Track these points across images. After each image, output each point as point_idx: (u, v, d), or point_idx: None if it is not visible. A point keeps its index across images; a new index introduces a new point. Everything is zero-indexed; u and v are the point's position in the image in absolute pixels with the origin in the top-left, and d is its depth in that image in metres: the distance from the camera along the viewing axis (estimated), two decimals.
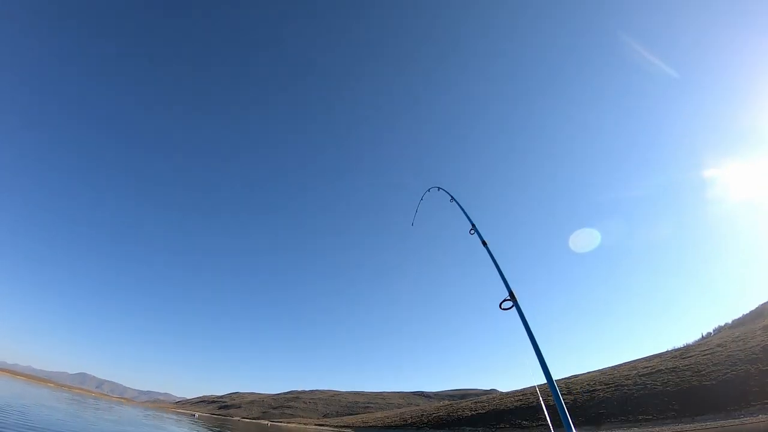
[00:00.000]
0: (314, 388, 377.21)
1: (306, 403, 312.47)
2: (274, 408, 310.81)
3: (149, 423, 34.27)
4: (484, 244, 2.83)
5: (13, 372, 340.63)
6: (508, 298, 2.59)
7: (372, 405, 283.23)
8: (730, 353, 57.09)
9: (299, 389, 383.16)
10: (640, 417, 53.08)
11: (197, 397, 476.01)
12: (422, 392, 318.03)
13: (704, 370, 56.48)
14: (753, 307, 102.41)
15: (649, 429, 47.01)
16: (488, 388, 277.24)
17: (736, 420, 38.38)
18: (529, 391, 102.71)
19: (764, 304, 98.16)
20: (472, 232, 3.48)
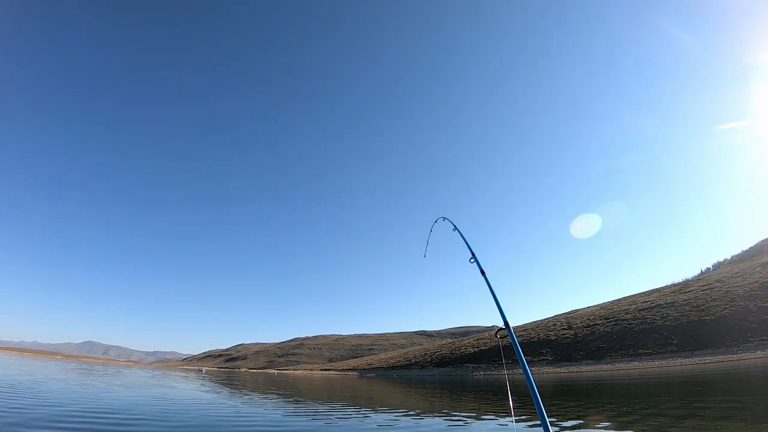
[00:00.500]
0: (318, 334, 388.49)
1: (311, 350, 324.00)
2: (280, 356, 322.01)
3: (158, 383, 35.63)
4: (483, 273, 3.14)
5: (20, 350, 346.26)
6: (503, 327, 2.63)
7: (376, 347, 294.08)
8: (728, 289, 59.01)
9: (303, 336, 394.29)
10: (640, 351, 55.75)
11: (203, 353, 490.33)
12: (425, 331, 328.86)
13: (703, 305, 58.75)
14: (752, 244, 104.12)
15: (649, 363, 49.63)
16: (489, 325, 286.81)
17: (734, 356, 40.26)
18: (531, 327, 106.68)
19: (763, 241, 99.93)
20: (472, 261, 3.85)
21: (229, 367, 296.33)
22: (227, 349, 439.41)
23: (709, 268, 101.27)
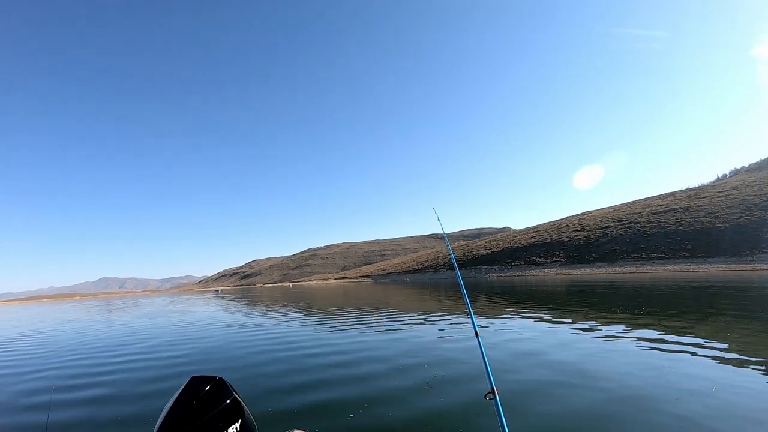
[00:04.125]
0: (330, 243, 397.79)
1: (323, 259, 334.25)
2: (293, 269, 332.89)
3: (176, 309, 37.02)
4: (477, 335, 3.27)
5: (38, 297, 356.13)
6: (490, 391, 2.49)
7: (388, 252, 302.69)
8: (744, 197, 59.03)
9: (315, 246, 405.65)
10: (653, 255, 57.47)
11: (217, 273, 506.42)
12: (436, 234, 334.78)
13: (718, 212, 59.24)
14: None
15: (662, 267, 51.42)
16: (502, 226, 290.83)
17: (747, 265, 41.15)
18: (542, 228, 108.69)
19: None
20: (468, 315, 3.81)
21: (245, 284, 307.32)
22: (241, 267, 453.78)
23: (726, 175, 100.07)
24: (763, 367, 6.93)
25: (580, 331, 11.62)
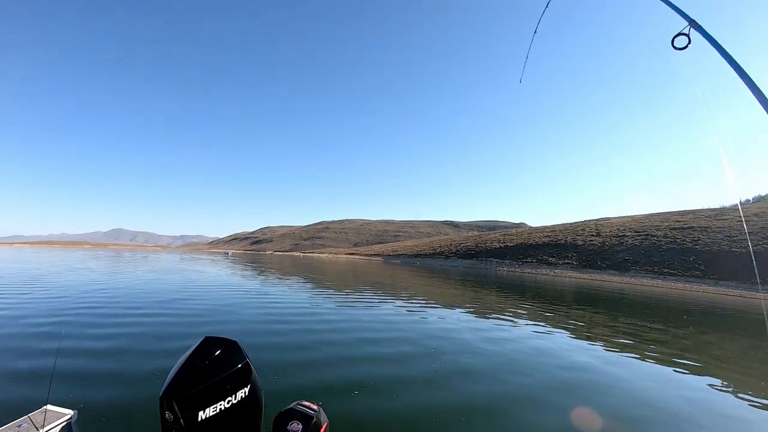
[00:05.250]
0: (344, 218, 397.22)
1: (336, 233, 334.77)
2: (305, 239, 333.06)
3: (186, 267, 36.95)
4: None
5: (49, 242, 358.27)
6: (686, 31, 2.08)
7: (401, 234, 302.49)
8: (765, 224, 58.64)
9: (329, 220, 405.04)
10: (665, 270, 57.81)
11: (229, 236, 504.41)
12: (452, 222, 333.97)
13: (736, 236, 59.15)
14: None
15: (672, 283, 51.85)
16: (518, 222, 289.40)
17: (758, 294, 41.30)
18: (558, 228, 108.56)
19: None
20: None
21: (255, 249, 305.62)
22: (253, 232, 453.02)
23: (749, 200, 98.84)
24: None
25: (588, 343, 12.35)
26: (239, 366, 1.56)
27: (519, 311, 17.90)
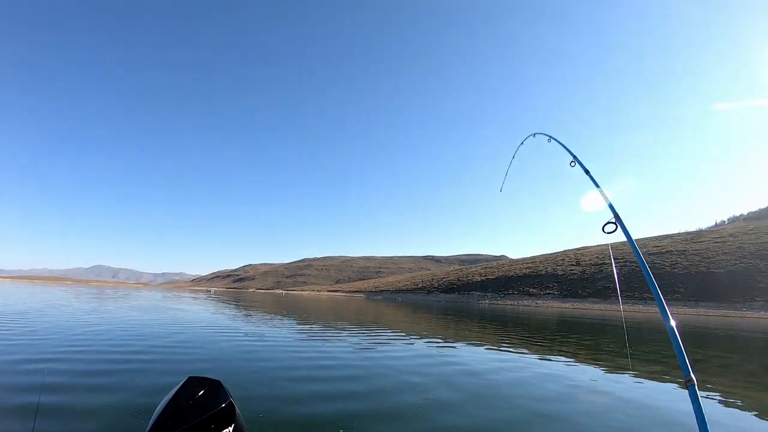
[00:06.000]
0: (326, 255, 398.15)
1: (318, 270, 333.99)
2: (287, 277, 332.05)
3: (169, 306, 36.74)
4: (587, 172, 3.08)
5: (31, 277, 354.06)
6: (613, 220, 2.38)
7: (383, 269, 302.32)
8: (741, 244, 59.36)
9: (311, 257, 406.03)
10: (645, 295, 57.41)
11: (211, 273, 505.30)
12: (433, 257, 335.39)
13: (714, 257, 59.46)
14: None
15: (653, 308, 51.04)
16: (498, 254, 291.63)
17: (738, 312, 41.27)
18: (539, 260, 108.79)
19: None
20: (573, 164, 3.50)
21: (237, 287, 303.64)
22: (235, 270, 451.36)
23: (724, 221, 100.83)
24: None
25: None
26: (223, 406, 1.49)
27: (502, 344, 17.14)
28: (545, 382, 9.20)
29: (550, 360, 11.69)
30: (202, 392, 1.48)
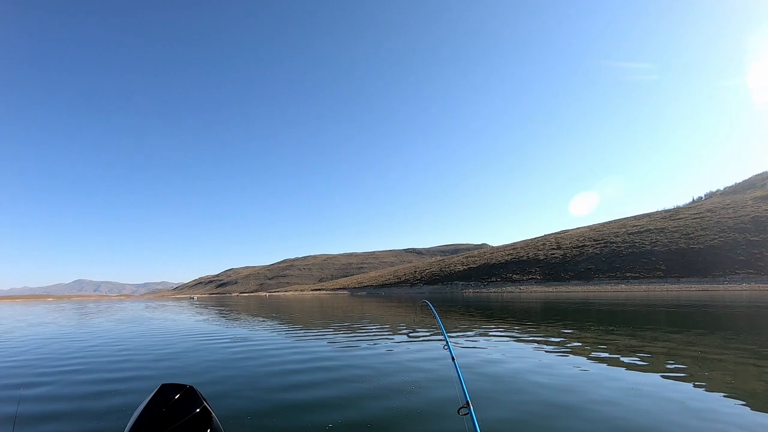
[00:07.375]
0: (307, 255, 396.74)
1: (300, 270, 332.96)
2: (270, 279, 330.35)
3: (150, 315, 35.77)
4: (453, 359, 3.07)
5: (11, 297, 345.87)
6: (465, 405, 2.41)
7: (365, 265, 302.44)
8: (719, 219, 59.72)
9: (293, 257, 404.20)
10: (628, 275, 57.46)
11: (194, 280, 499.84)
12: (414, 249, 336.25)
13: (693, 233, 59.69)
14: (746, 177, 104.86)
15: (636, 286, 51.27)
16: (479, 243, 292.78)
17: (720, 286, 41.27)
18: (520, 245, 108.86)
19: (757, 175, 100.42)
20: (445, 347, 3.69)
21: (220, 292, 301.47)
22: (217, 275, 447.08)
23: (701, 197, 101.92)
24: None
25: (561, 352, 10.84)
26: (197, 411, 1.52)
27: (489, 333, 16.26)
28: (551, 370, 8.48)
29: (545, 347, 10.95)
30: (175, 398, 1.47)
